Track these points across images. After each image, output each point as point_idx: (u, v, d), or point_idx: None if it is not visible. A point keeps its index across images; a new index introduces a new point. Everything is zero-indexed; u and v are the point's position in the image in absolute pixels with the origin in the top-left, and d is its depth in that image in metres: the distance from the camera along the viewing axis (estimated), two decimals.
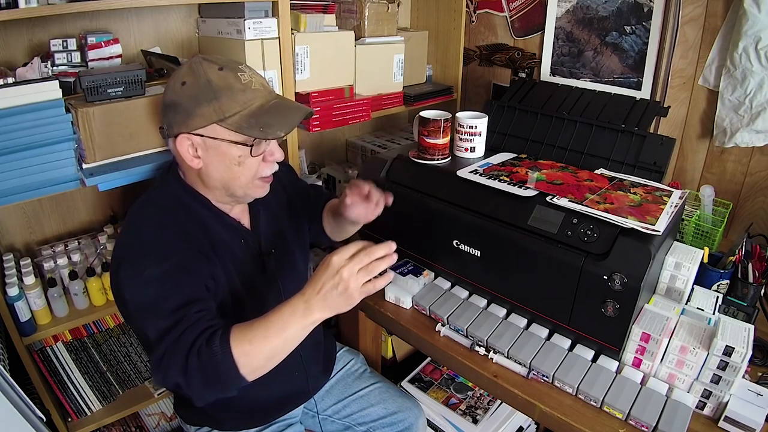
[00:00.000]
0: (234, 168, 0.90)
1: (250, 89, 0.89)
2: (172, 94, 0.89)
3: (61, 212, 1.41)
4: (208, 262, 0.91)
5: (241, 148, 0.89)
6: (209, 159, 0.90)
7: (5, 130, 0.97)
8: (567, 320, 0.99)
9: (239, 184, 0.92)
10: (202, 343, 0.77)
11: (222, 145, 0.88)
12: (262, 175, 0.94)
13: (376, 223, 1.29)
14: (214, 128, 0.87)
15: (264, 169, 0.94)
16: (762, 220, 1.41)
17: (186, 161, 0.90)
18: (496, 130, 1.35)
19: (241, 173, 0.91)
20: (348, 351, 1.35)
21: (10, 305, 1.13)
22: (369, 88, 1.66)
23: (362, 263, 0.76)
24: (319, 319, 0.79)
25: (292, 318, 0.78)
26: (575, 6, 1.63)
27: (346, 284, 0.75)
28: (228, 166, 0.90)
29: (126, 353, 1.43)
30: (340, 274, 0.76)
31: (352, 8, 1.62)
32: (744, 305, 1.06)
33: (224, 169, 0.90)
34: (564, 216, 0.97)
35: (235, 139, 0.88)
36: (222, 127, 0.87)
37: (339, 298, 0.77)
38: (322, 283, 0.77)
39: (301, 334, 0.80)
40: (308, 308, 0.78)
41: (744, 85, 1.29)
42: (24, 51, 1.23)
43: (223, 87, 0.86)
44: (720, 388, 0.86)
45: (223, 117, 0.86)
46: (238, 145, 0.88)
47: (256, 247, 1.03)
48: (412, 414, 1.23)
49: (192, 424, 1.13)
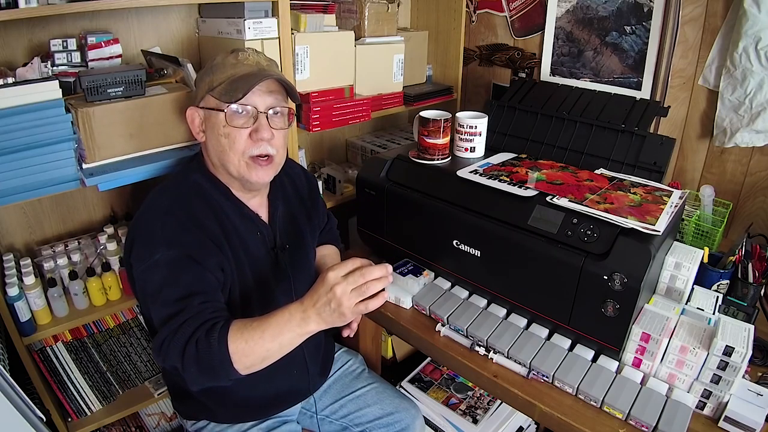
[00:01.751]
0: (222, 140, 0.95)
1: (242, 63, 0.95)
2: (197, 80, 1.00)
3: (61, 212, 1.41)
4: (219, 252, 0.94)
5: (220, 115, 0.94)
6: (208, 131, 0.97)
7: (5, 130, 0.97)
8: (567, 320, 0.99)
9: (230, 160, 0.96)
10: (201, 334, 0.80)
11: (212, 114, 0.95)
12: (251, 154, 0.96)
13: (377, 223, 1.30)
14: (208, 99, 0.96)
15: (251, 148, 0.95)
16: (762, 220, 1.41)
17: (195, 134, 0.99)
18: (496, 130, 1.35)
19: (229, 147, 0.94)
20: (346, 351, 1.35)
21: (10, 305, 1.13)
22: (369, 88, 1.66)
23: (356, 284, 0.77)
24: (314, 330, 0.81)
25: (288, 325, 0.80)
26: (575, 6, 1.63)
27: (338, 302, 0.76)
28: (218, 138, 0.95)
29: (126, 353, 1.43)
30: (334, 291, 0.77)
31: (352, 8, 1.62)
32: (744, 305, 1.06)
33: (216, 141, 0.96)
34: (564, 216, 0.97)
35: (216, 106, 0.94)
36: (211, 96, 0.95)
37: (332, 314, 0.78)
38: (317, 297, 0.79)
39: (296, 341, 0.82)
40: (305, 319, 0.80)
41: (744, 85, 1.29)
42: (24, 51, 1.23)
43: (220, 63, 0.96)
44: (720, 388, 0.86)
45: (212, 87, 0.95)
46: (219, 113, 0.94)
47: (271, 241, 1.05)
48: (409, 415, 1.23)
49: (189, 419, 1.15)
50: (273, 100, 0.96)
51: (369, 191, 1.28)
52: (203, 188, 0.98)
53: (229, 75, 0.94)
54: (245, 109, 0.94)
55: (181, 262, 0.88)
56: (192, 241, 0.91)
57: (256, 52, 0.99)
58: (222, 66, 0.95)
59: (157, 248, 0.88)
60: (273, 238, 1.06)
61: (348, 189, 1.74)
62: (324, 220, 1.29)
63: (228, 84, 0.93)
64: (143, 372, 1.47)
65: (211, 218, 0.96)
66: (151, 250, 0.89)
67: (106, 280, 1.28)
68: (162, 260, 0.88)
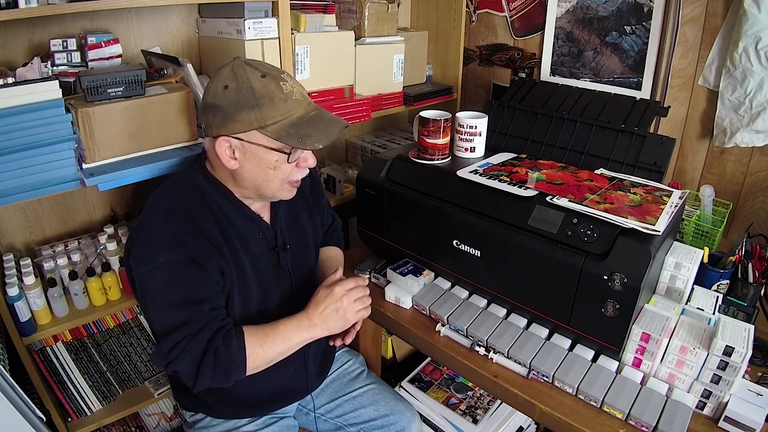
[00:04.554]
0: (269, 172, 0.94)
1: (291, 99, 0.91)
2: (214, 96, 0.90)
3: (61, 212, 1.41)
4: (219, 256, 0.94)
5: (279, 155, 0.92)
6: (245, 162, 0.93)
7: (5, 130, 0.97)
8: (567, 320, 0.99)
9: (270, 186, 0.96)
10: (219, 343, 0.88)
11: (260, 150, 0.91)
12: (293, 179, 0.98)
13: (377, 223, 1.30)
14: (254, 134, 0.90)
15: (296, 174, 0.97)
16: (762, 220, 1.41)
17: (222, 161, 0.93)
18: (496, 130, 1.35)
19: (275, 177, 0.95)
20: (347, 351, 1.35)
21: (10, 305, 1.13)
22: (369, 88, 1.66)
23: (358, 295, 1.01)
24: (319, 335, 0.98)
25: (297, 331, 0.96)
26: (575, 6, 1.63)
27: (345, 309, 0.98)
28: (263, 170, 0.94)
29: (126, 353, 1.43)
30: (341, 301, 0.98)
31: (352, 8, 1.62)
32: (744, 305, 1.06)
33: (259, 171, 0.94)
34: (564, 216, 0.97)
35: (273, 146, 0.91)
36: (261, 133, 0.90)
37: (338, 321, 0.99)
38: (324, 306, 0.97)
39: (301, 345, 0.97)
40: (311, 325, 0.97)
41: (744, 85, 1.29)
42: (24, 51, 1.23)
43: (265, 95, 0.88)
44: (720, 388, 0.86)
45: (264, 124, 0.89)
46: (275, 152, 0.92)
47: (273, 241, 1.06)
48: (405, 418, 1.22)
49: (188, 410, 1.16)
50: None
51: (369, 191, 1.28)
52: (204, 191, 0.98)
53: (283, 114, 0.90)
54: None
55: (185, 266, 0.89)
56: (194, 245, 0.91)
57: (290, 76, 0.94)
58: (269, 99, 0.88)
59: (160, 251, 0.88)
60: (274, 237, 1.06)
61: (348, 189, 1.74)
62: (328, 220, 1.29)
63: (291, 127, 0.90)
64: (143, 372, 1.47)
65: (210, 222, 0.96)
66: (153, 253, 0.88)
67: (106, 280, 1.28)
68: (165, 263, 0.88)
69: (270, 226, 1.06)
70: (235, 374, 0.90)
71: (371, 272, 1.31)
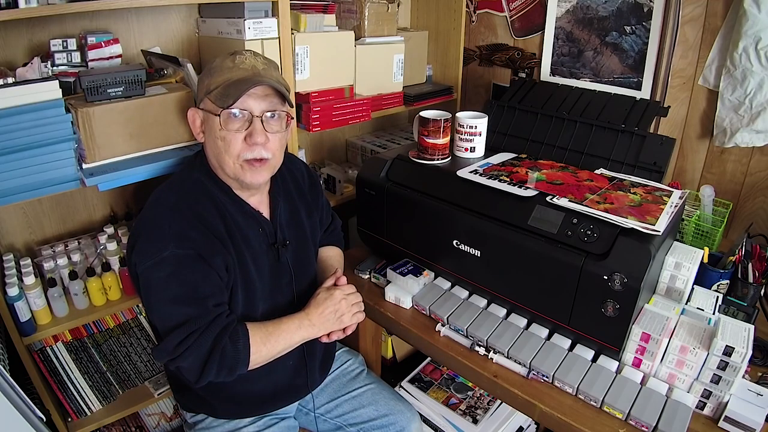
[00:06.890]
0: (218, 143, 0.95)
1: (238, 67, 0.95)
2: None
3: (61, 212, 1.41)
4: (224, 251, 0.95)
5: (216, 119, 0.94)
6: (207, 133, 0.99)
7: (5, 130, 0.97)
8: (567, 320, 0.99)
9: (226, 162, 0.97)
10: (226, 341, 0.90)
11: (209, 117, 0.96)
12: (245, 158, 0.96)
13: (377, 223, 1.30)
14: (206, 101, 0.97)
15: (246, 152, 0.96)
16: (762, 220, 1.41)
17: (195, 135, 1.01)
18: (496, 130, 1.35)
19: (225, 150, 0.95)
20: (347, 351, 1.35)
21: (10, 305, 1.13)
22: (369, 88, 1.66)
23: (355, 300, 1.09)
24: (316, 334, 1.03)
25: (298, 331, 1.00)
26: (575, 6, 1.63)
27: (342, 311, 1.06)
28: (215, 141, 0.96)
29: (126, 353, 1.43)
30: (340, 304, 1.05)
31: (352, 8, 1.62)
32: (744, 305, 1.06)
33: (213, 143, 0.97)
34: (564, 216, 0.97)
35: (212, 110, 0.95)
36: (208, 99, 0.96)
37: (334, 323, 1.05)
38: (324, 308, 1.04)
39: (300, 343, 1.02)
40: (311, 325, 1.02)
41: (744, 85, 1.29)
42: (24, 51, 1.23)
43: (218, 65, 0.96)
44: (720, 388, 0.86)
45: (209, 90, 0.95)
46: (215, 117, 0.94)
47: (273, 237, 1.06)
48: (404, 418, 1.22)
49: (188, 410, 1.16)
50: (268, 104, 0.96)
51: (369, 191, 1.28)
52: (206, 186, 0.99)
53: (225, 79, 0.94)
54: (241, 113, 0.94)
55: (191, 261, 0.89)
56: (201, 240, 0.92)
57: (255, 54, 0.98)
58: (219, 69, 0.95)
59: (166, 245, 0.89)
60: (274, 233, 1.06)
61: (348, 189, 1.74)
62: (328, 220, 1.29)
63: (223, 88, 0.93)
64: (143, 372, 1.47)
65: (215, 216, 0.97)
66: (159, 247, 0.89)
67: (106, 280, 1.28)
68: (171, 257, 0.88)
69: (269, 222, 1.07)
70: (239, 370, 0.92)
71: (371, 272, 1.31)
